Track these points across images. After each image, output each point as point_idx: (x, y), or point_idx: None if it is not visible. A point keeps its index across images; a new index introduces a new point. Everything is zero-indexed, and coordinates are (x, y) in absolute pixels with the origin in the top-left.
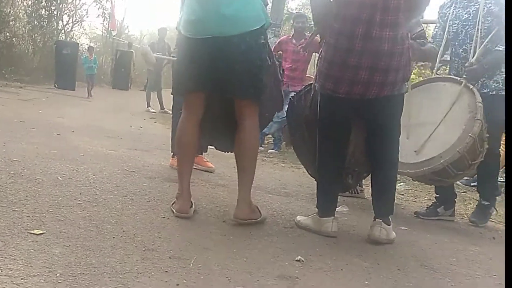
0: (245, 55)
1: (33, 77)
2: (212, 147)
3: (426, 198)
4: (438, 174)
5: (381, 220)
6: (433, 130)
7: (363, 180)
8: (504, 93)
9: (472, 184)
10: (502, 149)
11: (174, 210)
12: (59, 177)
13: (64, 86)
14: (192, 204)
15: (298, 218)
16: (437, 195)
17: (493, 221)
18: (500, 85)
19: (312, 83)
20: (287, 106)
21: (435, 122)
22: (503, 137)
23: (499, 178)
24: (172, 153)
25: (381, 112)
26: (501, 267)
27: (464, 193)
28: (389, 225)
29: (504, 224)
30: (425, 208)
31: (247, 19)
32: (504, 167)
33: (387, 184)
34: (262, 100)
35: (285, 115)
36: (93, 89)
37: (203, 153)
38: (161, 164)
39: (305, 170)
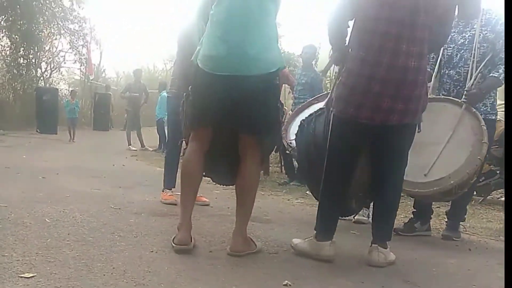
0: (263, 95)
1: (15, 124)
2: (208, 178)
3: (402, 216)
4: (444, 194)
5: (377, 245)
6: (440, 151)
7: None
8: (491, 117)
9: None
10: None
11: (174, 243)
12: (46, 219)
13: (46, 130)
14: (191, 237)
15: (295, 241)
16: (415, 210)
17: (467, 234)
18: (488, 109)
19: (323, 108)
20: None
21: (440, 143)
22: None
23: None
24: (163, 188)
25: (397, 140)
26: (479, 277)
27: (438, 208)
28: (386, 248)
29: (478, 236)
30: (403, 224)
31: (268, 60)
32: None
33: (389, 210)
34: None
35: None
36: (76, 131)
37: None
38: (146, 199)
39: (288, 199)
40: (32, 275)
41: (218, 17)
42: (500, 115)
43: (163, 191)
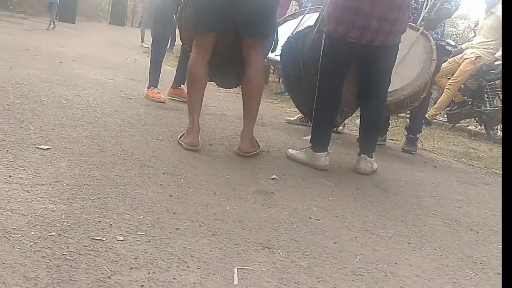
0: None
1: (36, 10)
2: (212, 82)
3: None
4: (397, 106)
5: (365, 155)
6: (394, 67)
7: None
8: (441, 43)
9: None
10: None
11: (183, 143)
12: (62, 100)
13: (65, 19)
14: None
15: (290, 151)
16: None
17: (434, 153)
18: (439, 36)
19: (311, 26)
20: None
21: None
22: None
23: (439, 117)
24: (148, 85)
25: (382, 58)
26: (440, 189)
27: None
28: (372, 158)
29: (444, 156)
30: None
31: None
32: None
33: (374, 123)
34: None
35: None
36: (92, 23)
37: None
38: None
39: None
40: (47, 147)
41: None
42: (481, 51)
43: (149, 88)
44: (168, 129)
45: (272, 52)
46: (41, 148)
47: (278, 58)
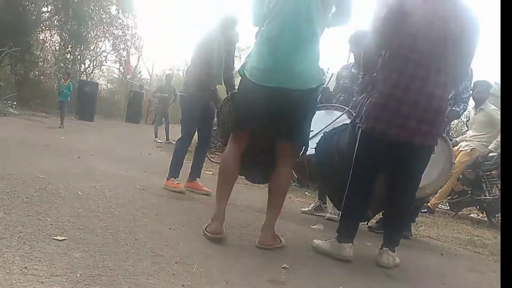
0: (303, 108)
1: (57, 110)
2: (242, 177)
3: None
4: (418, 200)
5: (387, 249)
6: None
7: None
8: None
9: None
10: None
11: (208, 232)
12: (79, 192)
13: (83, 117)
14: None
15: (316, 242)
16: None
17: (440, 241)
18: (445, 135)
19: (347, 123)
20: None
21: None
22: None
23: (441, 205)
24: (168, 176)
25: (417, 158)
26: (450, 278)
27: None
28: (394, 252)
29: (449, 244)
30: (375, 223)
31: (311, 77)
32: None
33: (401, 221)
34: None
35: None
36: (109, 121)
37: (197, 179)
38: None
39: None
40: (63, 238)
41: (269, 34)
42: (475, 144)
43: (168, 179)
44: (180, 219)
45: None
46: (57, 239)
47: (311, 151)
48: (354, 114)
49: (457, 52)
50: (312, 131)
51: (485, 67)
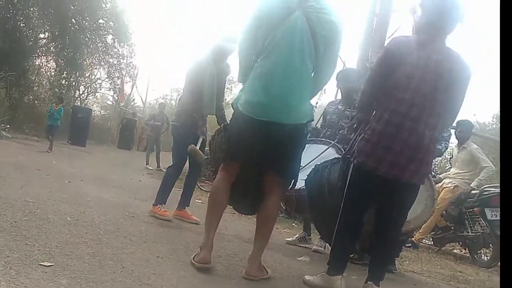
0: (294, 142)
1: (45, 133)
2: (230, 206)
3: None
4: (403, 235)
5: (372, 283)
6: None
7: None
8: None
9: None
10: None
11: (196, 261)
12: (68, 218)
13: (76, 142)
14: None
15: (307, 277)
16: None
17: (424, 276)
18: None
19: (338, 157)
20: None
21: None
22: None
23: (425, 240)
24: (155, 203)
25: (405, 195)
26: None
27: None
28: (379, 286)
29: (433, 279)
30: (355, 255)
31: (302, 112)
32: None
33: (387, 255)
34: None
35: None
36: (101, 147)
37: (186, 208)
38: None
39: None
40: (50, 264)
41: (263, 69)
42: (458, 181)
43: (155, 205)
44: (168, 247)
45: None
46: (43, 265)
47: (300, 184)
48: (341, 148)
49: (448, 96)
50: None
51: (467, 106)
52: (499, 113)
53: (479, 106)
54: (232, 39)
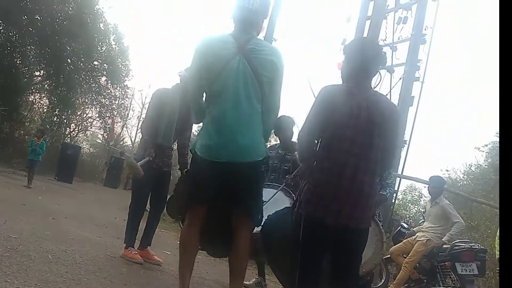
0: (253, 178)
1: (37, 169)
2: (203, 251)
3: None
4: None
5: None
6: None
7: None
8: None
9: None
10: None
11: None
12: (49, 255)
13: (63, 179)
14: None
15: None
16: None
17: None
18: (378, 218)
19: (289, 207)
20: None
21: None
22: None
23: None
24: (125, 244)
25: (356, 240)
26: None
27: None
28: None
29: None
30: None
31: (256, 150)
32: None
33: None
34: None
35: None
36: (87, 184)
37: (148, 247)
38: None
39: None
40: None
41: (213, 114)
42: (430, 235)
43: (126, 248)
44: None
45: (257, 226)
46: None
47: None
48: (289, 190)
49: (382, 142)
50: None
51: (440, 163)
52: (469, 170)
53: (451, 162)
54: None
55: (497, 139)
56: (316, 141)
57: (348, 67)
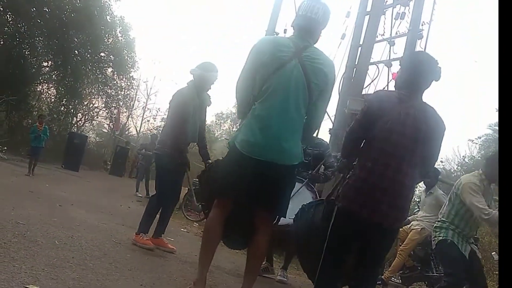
0: (286, 182)
1: (43, 156)
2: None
3: None
4: None
5: None
6: None
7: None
8: None
9: None
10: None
11: None
12: (56, 241)
13: (69, 167)
14: None
15: None
16: None
17: None
18: None
19: (323, 199)
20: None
21: None
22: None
23: (394, 279)
24: (138, 231)
25: (385, 240)
26: None
27: None
28: None
29: None
30: None
31: (295, 155)
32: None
33: None
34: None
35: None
36: (94, 172)
37: (162, 236)
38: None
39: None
40: (35, 287)
41: (260, 112)
42: (425, 224)
43: (138, 234)
44: (152, 275)
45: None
46: None
47: (290, 221)
48: (312, 186)
49: (425, 149)
50: None
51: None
52: (463, 161)
53: (446, 153)
54: (211, 69)
55: (490, 131)
56: (361, 140)
57: (402, 76)
